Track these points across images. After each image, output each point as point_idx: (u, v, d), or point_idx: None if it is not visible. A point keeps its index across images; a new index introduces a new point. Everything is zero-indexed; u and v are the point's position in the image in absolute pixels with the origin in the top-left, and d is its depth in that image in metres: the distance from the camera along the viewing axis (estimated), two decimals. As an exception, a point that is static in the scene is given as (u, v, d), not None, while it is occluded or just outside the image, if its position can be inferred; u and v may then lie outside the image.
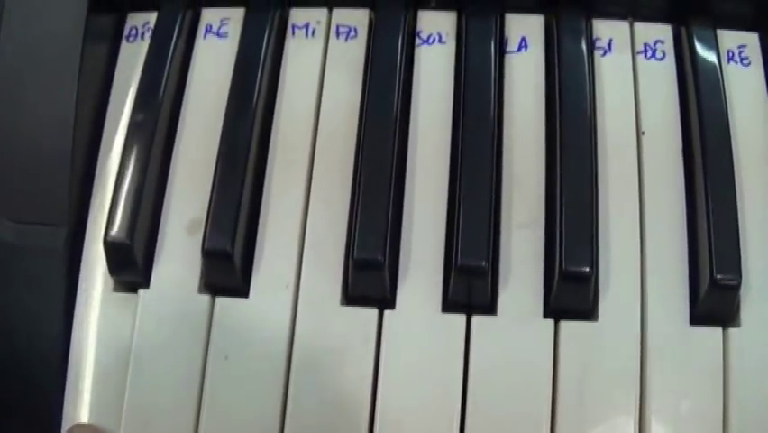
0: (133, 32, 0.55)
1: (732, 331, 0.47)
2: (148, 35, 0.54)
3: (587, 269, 0.46)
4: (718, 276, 0.46)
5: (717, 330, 0.47)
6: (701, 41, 0.52)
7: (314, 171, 0.50)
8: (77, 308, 0.50)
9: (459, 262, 0.46)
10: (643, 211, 0.49)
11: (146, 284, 0.49)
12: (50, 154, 0.51)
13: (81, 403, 0.48)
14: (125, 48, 0.54)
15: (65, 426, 0.48)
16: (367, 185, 0.48)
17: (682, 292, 0.48)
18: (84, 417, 0.48)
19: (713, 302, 0.47)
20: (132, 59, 0.54)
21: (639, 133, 0.50)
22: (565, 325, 0.47)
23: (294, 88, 0.52)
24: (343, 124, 0.51)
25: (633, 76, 0.52)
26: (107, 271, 0.49)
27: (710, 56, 0.51)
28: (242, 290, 0.48)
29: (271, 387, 0.47)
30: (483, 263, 0.46)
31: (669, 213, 0.49)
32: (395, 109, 0.49)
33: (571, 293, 0.47)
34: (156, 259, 0.49)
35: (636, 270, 0.48)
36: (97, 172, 0.52)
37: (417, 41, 0.53)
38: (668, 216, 0.49)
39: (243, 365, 0.47)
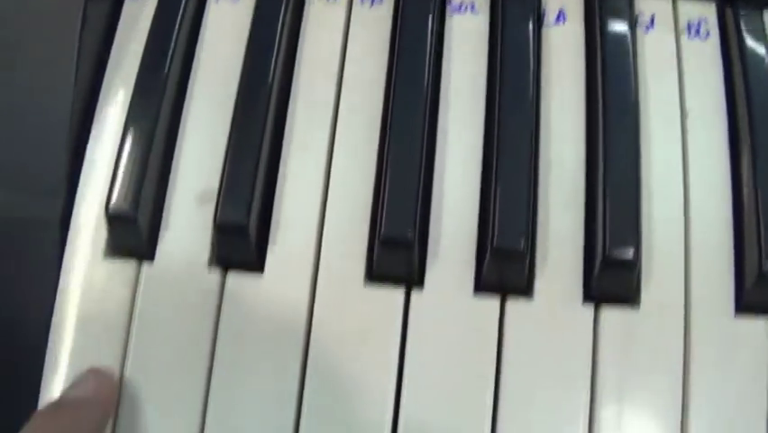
0: (138, -11, 0.51)
1: (777, 321, 0.44)
2: (152, -7, 0.51)
3: (632, 255, 0.43)
4: (766, 265, 0.43)
5: (762, 320, 0.44)
6: (748, 21, 0.49)
7: (335, 143, 0.47)
8: (62, 276, 0.45)
9: (495, 244, 0.43)
10: (688, 196, 0.46)
11: (150, 256, 0.45)
12: (46, 118, 0.47)
13: (60, 377, 0.44)
14: (128, 6, 0.51)
15: (43, 399, 0.44)
16: (395, 160, 0.44)
17: (728, 280, 0.45)
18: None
19: (760, 292, 0.44)
20: (135, 18, 0.50)
21: (683, 115, 0.48)
22: (606, 310, 0.44)
23: (314, 59, 0.49)
24: (368, 99, 0.48)
25: (677, 54, 0.49)
26: (100, 237, 0.46)
27: (757, 38, 0.49)
28: (256, 264, 0.45)
29: (287, 371, 0.43)
30: (522, 246, 0.43)
31: (714, 198, 0.46)
32: (425, 88, 0.46)
33: (614, 279, 0.44)
34: (162, 230, 0.46)
35: (681, 256, 0.45)
36: (92, 134, 0.48)
37: (448, 8, 0.50)
38: (713, 202, 0.46)
39: (257, 347, 0.43)
